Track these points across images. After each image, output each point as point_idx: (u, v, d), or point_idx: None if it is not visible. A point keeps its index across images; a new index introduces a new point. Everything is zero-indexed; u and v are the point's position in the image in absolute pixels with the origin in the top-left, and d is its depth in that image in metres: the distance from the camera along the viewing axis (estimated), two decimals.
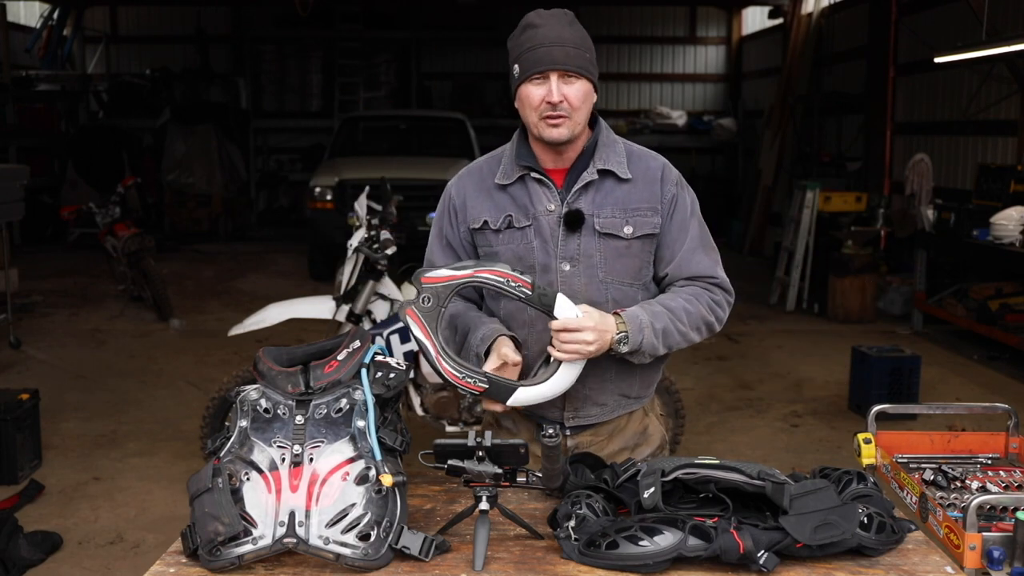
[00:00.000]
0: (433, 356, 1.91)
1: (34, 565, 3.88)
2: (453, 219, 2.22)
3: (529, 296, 1.94)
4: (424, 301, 1.92)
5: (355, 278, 4.53)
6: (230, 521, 1.67)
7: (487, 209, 2.16)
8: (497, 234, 2.15)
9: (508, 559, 1.76)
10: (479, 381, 1.93)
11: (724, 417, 5.91)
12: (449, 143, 11.46)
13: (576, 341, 1.96)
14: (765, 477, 1.78)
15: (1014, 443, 2.62)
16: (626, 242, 2.12)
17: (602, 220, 2.10)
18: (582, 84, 2.05)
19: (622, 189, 2.12)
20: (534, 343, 2.14)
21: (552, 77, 2.03)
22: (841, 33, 11.77)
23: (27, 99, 13.46)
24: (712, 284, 2.18)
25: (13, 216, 7.59)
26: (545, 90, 2.03)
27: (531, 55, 2.04)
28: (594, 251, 2.11)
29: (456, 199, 2.22)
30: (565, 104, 2.03)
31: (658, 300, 2.12)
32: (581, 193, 2.11)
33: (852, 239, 8.67)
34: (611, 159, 2.13)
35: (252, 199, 15.75)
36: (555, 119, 2.04)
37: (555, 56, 2.02)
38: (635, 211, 2.12)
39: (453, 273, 1.94)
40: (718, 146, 15.65)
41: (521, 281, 1.94)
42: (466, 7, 14.33)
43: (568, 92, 2.03)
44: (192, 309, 8.86)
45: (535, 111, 2.05)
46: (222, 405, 4.32)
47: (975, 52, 7.19)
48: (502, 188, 2.16)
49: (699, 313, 2.13)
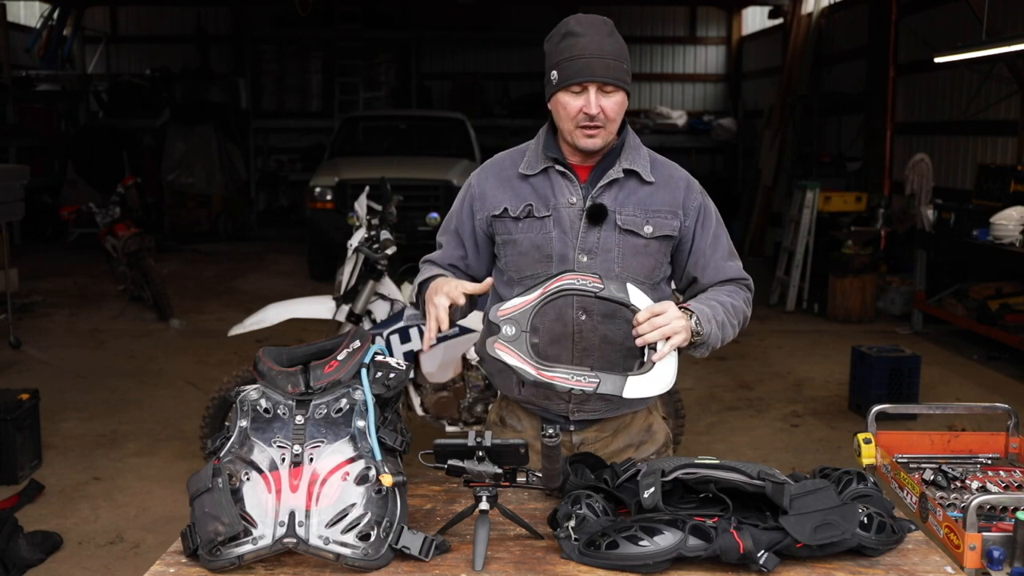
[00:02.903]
0: (535, 375, 1.87)
1: (34, 565, 3.88)
2: (470, 208, 2.24)
3: (602, 290, 1.94)
4: (507, 331, 1.91)
5: (355, 278, 4.53)
6: (230, 521, 1.67)
7: (508, 197, 2.18)
8: (516, 222, 2.17)
9: (508, 559, 1.76)
10: (589, 379, 1.87)
11: (724, 417, 5.91)
12: (449, 143, 11.47)
13: (669, 321, 1.93)
14: (765, 477, 1.78)
15: (1014, 443, 2.62)
16: (645, 241, 2.15)
17: (624, 217, 2.13)
18: (619, 95, 2.07)
19: (645, 190, 2.16)
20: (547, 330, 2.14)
21: (591, 89, 2.04)
22: (841, 33, 11.78)
23: (27, 99, 13.46)
24: (744, 284, 2.25)
25: (13, 216, 7.59)
26: (583, 101, 2.05)
27: (571, 64, 2.04)
28: (613, 246, 2.13)
29: (476, 188, 2.24)
30: (602, 116, 2.05)
31: (709, 296, 2.15)
32: (605, 189, 2.14)
33: (852, 239, 8.68)
34: (636, 161, 2.16)
35: (252, 199, 15.75)
36: (591, 130, 2.07)
37: (595, 69, 2.03)
38: (656, 212, 2.15)
39: (524, 299, 1.93)
40: (718, 146, 15.65)
41: (590, 278, 1.94)
42: (466, 7, 14.32)
43: (606, 104, 2.05)
44: (192, 309, 8.86)
45: (571, 120, 2.08)
46: (222, 405, 4.32)
47: (975, 52, 7.19)
48: (524, 178, 2.18)
49: (742, 308, 2.19)
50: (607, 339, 2.16)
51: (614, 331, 2.15)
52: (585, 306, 2.13)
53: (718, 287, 2.21)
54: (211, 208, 14.16)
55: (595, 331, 2.14)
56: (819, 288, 9.02)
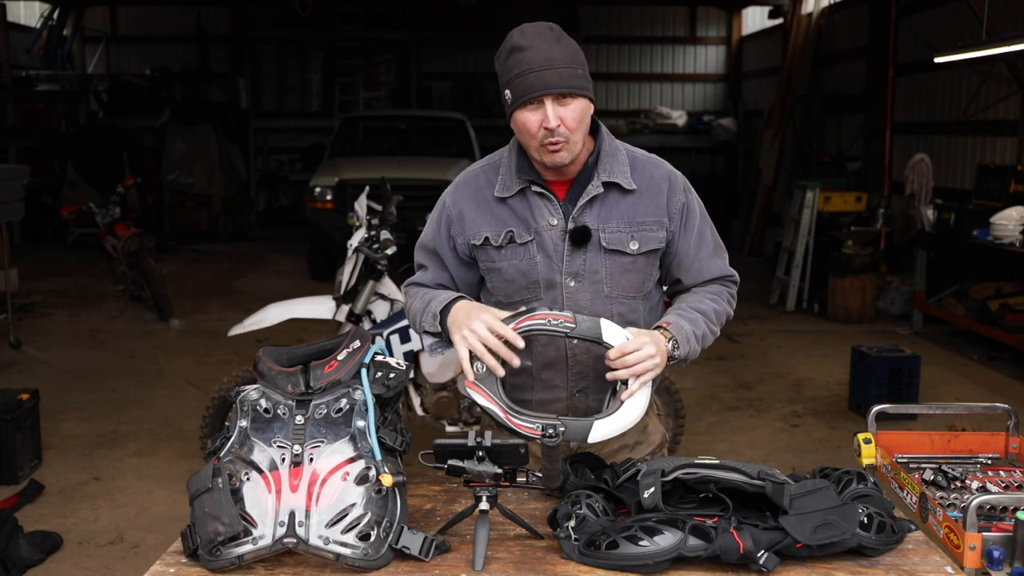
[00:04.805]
0: (502, 417, 1.86)
1: (34, 565, 3.88)
2: (447, 232, 2.17)
3: (574, 330, 1.91)
4: (479, 369, 1.91)
5: (355, 278, 4.53)
6: (230, 521, 1.67)
7: (486, 224, 2.12)
8: (499, 250, 2.11)
9: (508, 559, 1.75)
10: (556, 428, 1.85)
11: (724, 417, 5.91)
12: (449, 143, 11.47)
13: (641, 359, 1.91)
14: (765, 477, 1.78)
15: (1014, 443, 2.62)
16: (632, 258, 2.10)
17: (608, 235, 2.08)
18: (578, 103, 1.99)
19: (627, 201, 2.10)
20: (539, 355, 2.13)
21: (546, 102, 1.96)
22: (841, 33, 11.78)
23: (27, 99, 13.46)
24: (728, 280, 2.22)
25: (13, 216, 7.59)
26: (541, 115, 1.96)
27: (521, 81, 1.96)
28: (600, 267, 2.09)
29: (452, 210, 2.17)
30: (562, 128, 1.97)
31: (689, 305, 2.12)
32: (586, 208, 2.08)
33: (852, 239, 8.68)
34: (615, 170, 2.09)
35: (252, 199, 15.75)
36: (554, 144, 1.99)
37: (547, 80, 1.94)
38: (641, 225, 2.09)
39: None
40: (718, 146, 15.66)
41: (562, 317, 1.92)
42: (466, 7, 14.33)
43: (564, 114, 1.97)
44: (192, 309, 8.86)
45: (533, 138, 2.00)
46: (222, 405, 4.32)
47: (975, 52, 7.19)
48: (502, 201, 2.11)
49: (724, 310, 2.17)
50: (601, 359, 2.14)
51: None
52: None
53: (702, 288, 2.18)
54: (211, 208, 14.15)
55: (588, 352, 2.11)
56: (819, 288, 9.02)
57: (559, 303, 2.08)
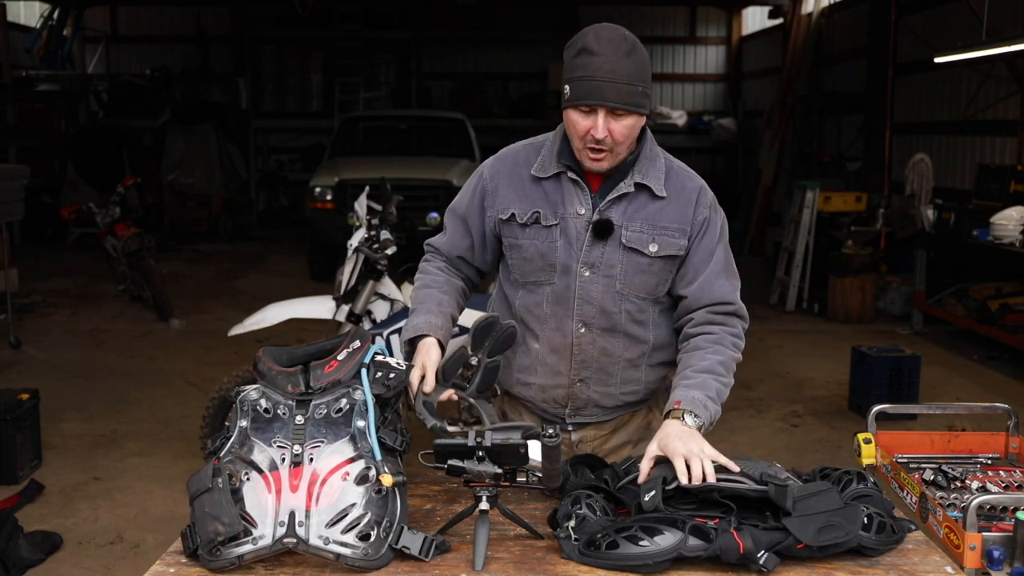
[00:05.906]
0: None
1: (34, 565, 3.88)
2: (480, 202, 2.20)
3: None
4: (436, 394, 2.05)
5: (355, 278, 4.52)
6: (230, 521, 1.67)
7: (517, 200, 2.15)
8: (523, 228, 2.14)
9: (508, 559, 1.75)
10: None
11: (724, 417, 5.83)
12: (449, 143, 11.47)
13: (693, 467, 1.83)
14: (768, 479, 1.78)
15: (1014, 443, 2.62)
16: (649, 259, 2.11)
17: (629, 234, 2.09)
18: (630, 119, 2.00)
19: (655, 205, 2.11)
20: (546, 339, 2.16)
21: (600, 112, 1.97)
22: (841, 33, 11.77)
23: (27, 99, 13.46)
24: (730, 314, 2.15)
25: (13, 216, 7.59)
26: (591, 122, 1.98)
27: (581, 84, 1.98)
28: (616, 262, 2.11)
29: (489, 183, 2.20)
30: (609, 140, 2.00)
31: (692, 370, 2.07)
32: (614, 203, 2.10)
33: (852, 239, 8.68)
34: (650, 174, 2.11)
35: (252, 199, 15.75)
36: (597, 153, 2.02)
37: (605, 93, 1.95)
38: (663, 229, 2.10)
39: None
40: (718, 146, 15.65)
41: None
42: (466, 7, 14.32)
43: (614, 128, 1.99)
44: (192, 309, 8.86)
45: (579, 139, 2.03)
46: (222, 405, 4.31)
47: (975, 52, 7.19)
48: (536, 181, 2.14)
49: (730, 358, 2.11)
50: (606, 352, 2.16)
51: (613, 344, 2.15)
52: (585, 319, 2.13)
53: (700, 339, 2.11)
54: (211, 208, 14.15)
55: (594, 344, 2.14)
56: (819, 288, 9.02)
57: (572, 289, 2.11)
